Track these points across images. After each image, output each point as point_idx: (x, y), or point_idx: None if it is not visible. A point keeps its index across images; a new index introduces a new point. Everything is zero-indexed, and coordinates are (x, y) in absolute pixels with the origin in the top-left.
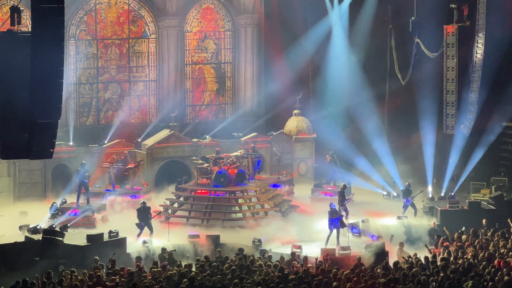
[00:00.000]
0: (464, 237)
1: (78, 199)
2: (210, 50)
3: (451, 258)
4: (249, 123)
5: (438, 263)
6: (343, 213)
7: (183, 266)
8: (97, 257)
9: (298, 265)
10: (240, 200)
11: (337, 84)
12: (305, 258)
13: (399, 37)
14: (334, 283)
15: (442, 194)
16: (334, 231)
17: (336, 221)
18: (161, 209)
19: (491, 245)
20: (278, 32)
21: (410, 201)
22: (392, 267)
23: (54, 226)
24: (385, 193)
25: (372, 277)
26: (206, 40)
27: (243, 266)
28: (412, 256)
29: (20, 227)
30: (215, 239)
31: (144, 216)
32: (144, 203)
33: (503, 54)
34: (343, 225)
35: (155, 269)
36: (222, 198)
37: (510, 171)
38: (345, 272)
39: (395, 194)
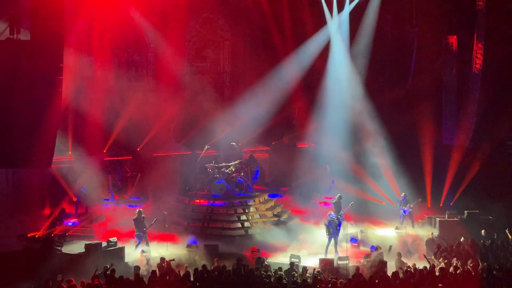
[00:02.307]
0: (462, 247)
1: (76, 208)
2: (209, 59)
3: (450, 269)
4: (248, 133)
5: (437, 273)
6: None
7: (181, 275)
8: (107, 265)
9: (297, 275)
10: (238, 210)
11: (336, 94)
12: (304, 268)
13: (399, 47)
14: None
15: (441, 205)
16: (332, 240)
17: (339, 226)
18: (160, 217)
19: (490, 255)
20: (277, 41)
21: (407, 211)
22: (390, 277)
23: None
24: (384, 203)
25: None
26: (205, 50)
27: (242, 275)
28: (410, 266)
29: (19, 236)
30: (213, 249)
31: (141, 225)
32: (140, 212)
33: (502, 64)
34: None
35: (154, 279)
36: (220, 207)
37: (508, 181)
38: (343, 282)
39: (394, 204)
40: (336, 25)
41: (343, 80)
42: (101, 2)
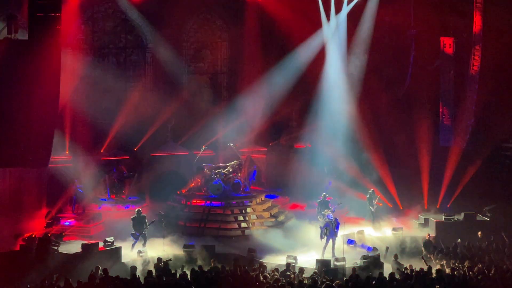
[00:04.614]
0: (459, 249)
1: (73, 208)
2: (206, 60)
3: (447, 270)
4: (246, 133)
5: (434, 275)
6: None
7: (178, 276)
8: (99, 266)
9: (293, 276)
10: (235, 210)
11: (333, 95)
12: (301, 269)
13: (396, 49)
14: None
15: (438, 207)
16: (330, 241)
17: (336, 227)
18: (157, 217)
19: (487, 257)
20: (274, 42)
21: (372, 209)
22: (387, 278)
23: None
24: (380, 204)
25: None
26: (203, 50)
27: (238, 276)
28: (407, 267)
29: (15, 236)
30: (210, 249)
31: (139, 225)
32: (139, 211)
33: (499, 67)
34: (336, 233)
35: (150, 279)
36: (217, 208)
37: (505, 183)
38: (340, 284)
39: (391, 206)
40: (334, 27)
41: (339, 81)
42: (99, 2)
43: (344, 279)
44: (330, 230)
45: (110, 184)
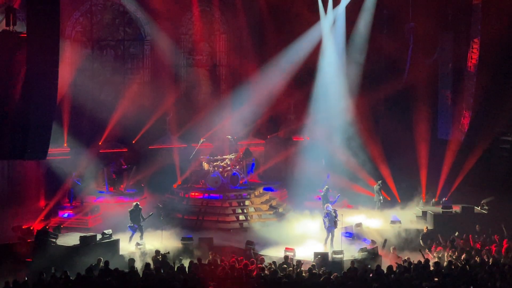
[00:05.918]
0: (457, 242)
1: (71, 200)
2: (205, 52)
3: (445, 263)
4: (244, 126)
5: (431, 268)
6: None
7: (175, 268)
8: (101, 258)
9: (291, 268)
10: (233, 203)
11: (331, 89)
12: (299, 262)
13: (395, 41)
14: None
15: (436, 199)
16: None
17: (336, 218)
18: (155, 210)
19: (485, 250)
20: (273, 35)
21: (381, 200)
22: (385, 271)
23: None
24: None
25: (365, 281)
26: (201, 43)
27: (236, 269)
28: (405, 260)
29: (13, 228)
30: (208, 242)
31: (137, 218)
32: (136, 204)
33: (498, 60)
34: (336, 224)
35: (148, 271)
36: (215, 200)
37: (503, 176)
38: (337, 276)
39: (389, 199)
40: (331, 18)
41: (337, 74)
42: None
43: (342, 271)
44: (330, 221)
45: (108, 177)
